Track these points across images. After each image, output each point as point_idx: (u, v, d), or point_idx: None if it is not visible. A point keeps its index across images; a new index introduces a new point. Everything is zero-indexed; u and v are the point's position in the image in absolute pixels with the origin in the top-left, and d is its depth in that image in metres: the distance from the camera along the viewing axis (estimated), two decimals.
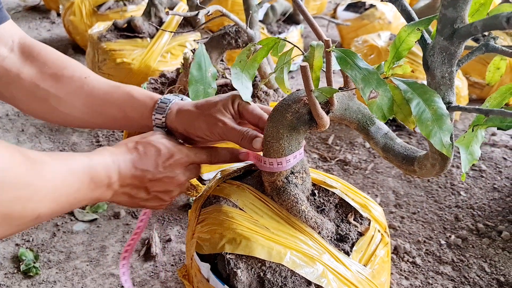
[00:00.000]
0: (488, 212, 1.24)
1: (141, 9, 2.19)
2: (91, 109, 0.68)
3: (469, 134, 0.56)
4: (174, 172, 0.62)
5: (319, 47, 0.64)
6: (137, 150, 0.60)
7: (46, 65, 0.67)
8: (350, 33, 2.39)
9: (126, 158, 0.58)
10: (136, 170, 0.59)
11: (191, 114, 0.66)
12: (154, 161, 0.60)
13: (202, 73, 1.04)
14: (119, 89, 0.69)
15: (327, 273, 0.63)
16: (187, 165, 0.64)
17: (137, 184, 0.59)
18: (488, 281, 1.01)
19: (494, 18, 0.42)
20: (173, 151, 0.62)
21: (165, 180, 0.61)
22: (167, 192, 0.63)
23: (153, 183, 0.61)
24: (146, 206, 0.65)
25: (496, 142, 1.59)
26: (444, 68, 0.53)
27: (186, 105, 0.68)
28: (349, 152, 1.53)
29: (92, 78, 0.69)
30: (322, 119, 0.63)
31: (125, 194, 0.60)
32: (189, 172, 0.65)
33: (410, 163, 0.66)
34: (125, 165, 0.58)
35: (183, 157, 0.63)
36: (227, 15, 0.97)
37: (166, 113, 0.67)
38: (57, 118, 0.69)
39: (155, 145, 0.61)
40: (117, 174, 0.57)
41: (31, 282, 1.01)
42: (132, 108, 0.68)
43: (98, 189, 0.55)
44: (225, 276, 0.63)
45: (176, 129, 0.67)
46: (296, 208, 0.67)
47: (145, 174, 0.59)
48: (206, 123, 0.65)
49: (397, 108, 0.56)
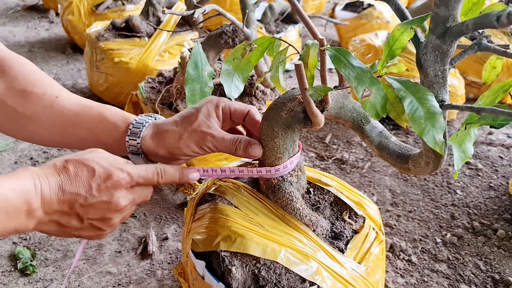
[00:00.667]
0: (484, 210, 1.25)
1: (139, 8, 2.19)
2: (60, 130, 0.63)
3: (462, 132, 0.56)
4: (111, 195, 0.52)
5: (314, 46, 0.64)
6: (66, 171, 0.51)
7: (16, 80, 0.62)
8: (349, 32, 2.40)
9: (51, 181, 0.50)
10: (64, 194, 0.50)
11: (173, 133, 0.60)
12: (87, 183, 0.51)
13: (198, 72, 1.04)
14: (91, 110, 0.63)
15: (322, 270, 0.63)
16: (128, 186, 0.54)
17: (66, 210, 0.51)
18: (483, 279, 1.02)
19: (485, 17, 0.42)
20: (110, 171, 0.53)
21: (101, 205, 0.52)
22: (104, 219, 0.53)
23: (86, 209, 0.51)
24: (81, 236, 0.55)
25: (493, 141, 1.59)
26: (437, 66, 0.54)
27: (164, 125, 0.62)
28: (346, 151, 1.54)
29: (64, 97, 0.63)
30: (316, 118, 0.63)
31: (53, 222, 0.51)
32: (132, 195, 0.55)
33: (405, 161, 0.67)
34: (49, 189, 0.49)
35: (123, 177, 0.53)
36: (224, 14, 0.97)
37: (141, 137, 0.61)
38: (25, 137, 0.64)
39: (88, 165, 0.52)
40: (39, 199, 0.48)
41: (28, 280, 1.01)
42: (103, 131, 0.62)
43: (13, 220, 0.47)
44: (220, 274, 0.64)
45: (156, 152, 0.61)
46: (291, 206, 0.67)
47: (75, 198, 0.50)
48: (193, 140, 0.60)
49: (390, 106, 0.57)
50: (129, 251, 1.10)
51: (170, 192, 1.30)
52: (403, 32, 0.55)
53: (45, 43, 2.57)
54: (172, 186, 1.29)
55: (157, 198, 1.28)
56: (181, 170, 0.60)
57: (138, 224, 1.18)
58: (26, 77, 0.63)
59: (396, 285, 1.00)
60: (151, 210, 1.23)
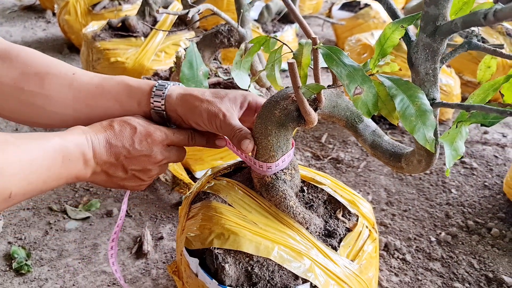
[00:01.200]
0: (479, 209, 1.25)
1: (136, 8, 2.19)
2: (83, 105, 0.65)
3: (453, 130, 0.57)
4: (151, 150, 0.60)
5: (307, 45, 0.65)
6: (112, 128, 0.59)
7: (27, 65, 0.63)
8: (345, 32, 2.40)
9: (99, 136, 0.57)
10: (111, 147, 0.58)
11: (196, 99, 0.64)
12: (130, 138, 0.59)
13: (193, 71, 1.04)
14: (111, 80, 0.66)
15: (315, 268, 0.64)
16: (165, 143, 0.62)
17: (113, 162, 0.59)
18: (477, 277, 1.03)
19: (473, 15, 0.43)
20: (149, 129, 0.61)
21: (142, 158, 0.60)
22: (145, 171, 0.62)
23: (130, 161, 0.59)
24: (125, 186, 0.63)
25: (488, 140, 1.60)
26: (428, 64, 0.54)
27: (191, 89, 0.66)
28: (342, 150, 1.54)
29: (80, 73, 0.66)
30: (310, 116, 0.64)
31: (103, 172, 0.59)
32: (168, 152, 0.63)
33: (397, 159, 0.67)
34: (98, 142, 0.57)
35: (160, 135, 0.61)
36: (218, 14, 0.98)
37: (165, 96, 0.65)
38: (45, 120, 0.65)
39: (130, 123, 0.60)
40: (91, 151, 0.56)
41: (23, 279, 1.01)
42: (128, 96, 0.65)
43: (74, 167, 0.54)
44: (213, 271, 0.64)
45: (176, 112, 0.65)
46: (284, 203, 0.67)
47: (120, 151, 0.58)
48: (207, 111, 0.63)
49: (381, 104, 0.57)
50: (124, 250, 1.10)
51: (165, 191, 1.31)
52: (394, 31, 0.55)
53: (42, 43, 2.57)
54: (167, 186, 1.29)
55: (153, 198, 1.28)
56: (208, 135, 0.68)
57: (133, 224, 1.18)
58: (36, 61, 0.64)
59: (390, 284, 1.01)
60: (146, 210, 1.23)
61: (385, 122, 1.68)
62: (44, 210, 1.23)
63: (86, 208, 1.23)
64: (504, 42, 1.83)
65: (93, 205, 1.23)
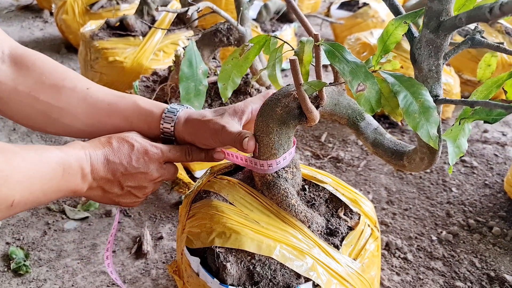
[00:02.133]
0: (479, 208, 1.25)
1: (134, 8, 2.18)
2: (95, 120, 0.66)
3: (456, 127, 0.56)
4: (148, 167, 0.61)
5: (309, 42, 0.64)
6: (110, 144, 0.60)
7: (43, 75, 0.65)
8: (344, 31, 2.40)
9: (98, 152, 0.58)
10: (109, 163, 0.59)
11: (198, 122, 0.65)
12: (128, 155, 0.60)
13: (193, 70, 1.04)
14: (124, 99, 0.67)
15: (317, 266, 0.63)
16: (161, 161, 0.63)
17: (110, 178, 0.59)
18: (479, 276, 1.02)
19: (478, 10, 0.42)
20: (147, 147, 0.62)
21: (139, 175, 0.61)
22: (140, 188, 0.63)
23: (126, 178, 0.60)
24: (120, 203, 0.64)
25: (488, 139, 1.60)
26: (431, 61, 0.54)
27: (193, 114, 0.67)
28: (342, 149, 1.54)
29: (95, 89, 0.67)
30: (311, 113, 0.63)
31: (99, 188, 0.60)
32: (163, 170, 0.64)
33: (399, 157, 0.66)
34: (96, 158, 0.58)
35: (157, 153, 0.62)
36: (218, 12, 0.97)
37: (174, 122, 0.66)
38: (58, 130, 0.67)
39: (128, 141, 0.61)
40: (89, 166, 0.57)
41: (21, 280, 1.00)
42: (138, 118, 0.67)
43: (72, 180, 0.55)
44: (215, 270, 0.63)
45: (183, 138, 0.67)
46: (286, 202, 0.67)
47: (117, 168, 0.59)
48: (209, 131, 0.64)
49: (384, 101, 0.57)
50: (124, 250, 1.09)
51: (165, 191, 1.30)
52: (397, 27, 0.55)
53: (40, 43, 2.56)
54: (167, 186, 1.29)
55: (152, 198, 1.27)
56: (206, 150, 0.68)
57: (132, 224, 1.18)
58: (53, 72, 0.66)
59: (391, 283, 1.00)
60: (146, 210, 1.23)
61: (385, 121, 1.68)
62: (43, 210, 1.22)
63: (84, 208, 1.22)
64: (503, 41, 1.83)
65: (91, 205, 1.23)
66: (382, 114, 1.71)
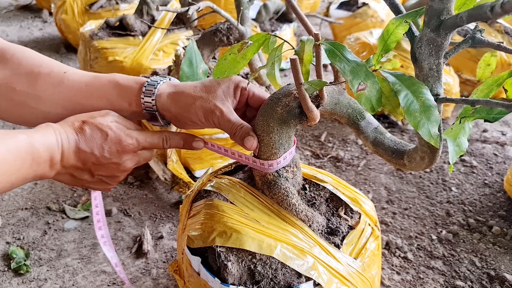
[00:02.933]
0: (479, 207, 1.25)
1: (134, 7, 2.18)
2: (74, 103, 0.63)
3: (457, 126, 0.56)
4: (121, 158, 0.59)
5: (309, 42, 0.64)
6: (83, 131, 0.57)
7: (20, 65, 0.63)
8: (343, 31, 2.40)
9: (70, 138, 0.56)
10: (80, 152, 0.56)
11: (188, 97, 0.62)
12: (100, 145, 0.58)
13: (193, 69, 1.04)
14: (102, 78, 0.64)
15: (318, 265, 0.63)
16: (136, 150, 0.61)
17: (80, 166, 0.58)
18: (479, 275, 1.02)
19: (479, 8, 0.42)
20: (120, 137, 0.59)
21: (111, 165, 0.59)
22: (112, 177, 0.61)
23: (98, 167, 0.59)
24: (90, 187, 0.63)
25: (487, 139, 1.60)
26: (432, 60, 0.54)
27: (181, 87, 0.64)
28: (342, 149, 1.54)
29: (71, 72, 0.65)
30: (312, 113, 0.63)
31: (68, 174, 0.58)
32: (138, 157, 0.62)
33: (400, 156, 0.66)
34: (68, 146, 0.56)
35: (132, 143, 0.60)
36: (218, 11, 0.97)
37: (155, 95, 0.62)
38: (38, 119, 0.64)
39: (102, 129, 0.58)
40: (59, 154, 0.55)
41: (22, 280, 1.00)
42: (117, 96, 0.64)
43: (40, 168, 0.54)
44: (216, 269, 0.63)
45: (169, 112, 0.63)
46: (286, 201, 0.67)
47: (89, 158, 0.57)
48: (203, 109, 0.61)
49: (385, 100, 0.57)
50: (124, 250, 1.09)
51: (165, 191, 1.30)
52: (397, 26, 0.55)
53: (39, 43, 2.56)
54: (167, 185, 1.29)
55: (152, 197, 1.27)
56: (185, 137, 0.65)
57: (133, 223, 1.18)
58: (30, 61, 0.64)
59: (392, 282, 1.00)
60: (146, 209, 1.23)
61: (385, 121, 1.68)
62: (43, 210, 1.22)
63: (85, 208, 1.22)
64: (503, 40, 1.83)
65: (91, 205, 1.22)
66: (381, 114, 1.72)
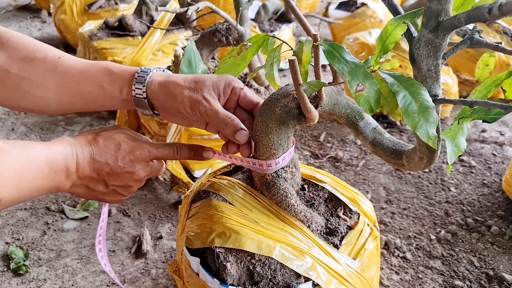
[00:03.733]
0: (478, 207, 1.25)
1: (133, 8, 2.18)
2: (66, 89, 0.64)
3: (455, 126, 0.56)
4: (134, 167, 0.60)
5: (308, 42, 0.64)
6: (96, 143, 0.59)
7: (16, 49, 0.64)
8: (342, 31, 2.40)
9: (84, 150, 0.57)
10: (94, 162, 0.58)
11: (177, 86, 0.62)
12: (114, 155, 0.59)
13: (192, 69, 1.04)
14: (95, 65, 0.65)
15: (317, 266, 0.63)
16: (148, 160, 0.62)
17: (95, 177, 0.59)
18: (477, 275, 1.02)
19: (477, 10, 0.43)
20: (133, 147, 0.60)
21: (125, 175, 0.60)
22: (126, 187, 0.62)
23: (112, 177, 0.60)
24: (105, 200, 0.64)
25: (486, 139, 1.60)
26: (430, 61, 0.54)
27: (173, 77, 0.64)
28: (341, 149, 1.54)
29: (66, 57, 0.65)
30: (310, 113, 0.63)
31: (83, 186, 0.59)
32: (150, 168, 0.63)
33: (399, 157, 0.67)
34: (83, 156, 0.57)
35: (144, 153, 0.61)
36: (217, 12, 0.97)
37: (146, 83, 0.63)
38: (30, 104, 0.65)
39: (115, 139, 0.60)
40: (75, 164, 0.56)
41: (21, 280, 1.00)
42: (110, 82, 0.64)
43: (57, 178, 0.55)
44: (215, 270, 0.64)
45: (158, 100, 0.64)
46: (285, 202, 0.67)
47: (103, 167, 0.58)
48: (190, 99, 0.61)
49: (384, 101, 0.57)
50: (123, 250, 1.09)
51: (164, 191, 1.30)
52: (396, 27, 0.55)
53: None
54: (166, 185, 1.29)
55: (151, 197, 1.27)
56: (195, 148, 0.66)
57: (132, 223, 1.18)
58: (26, 45, 0.65)
59: (391, 282, 1.01)
60: (145, 209, 1.23)
61: (384, 121, 1.69)
62: (42, 210, 1.22)
63: (84, 208, 1.22)
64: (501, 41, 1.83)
65: (91, 205, 1.23)
66: (380, 114, 1.72)
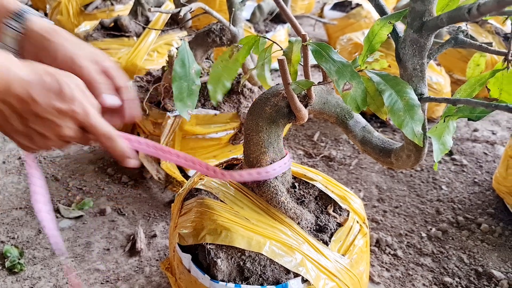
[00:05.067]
0: (468, 205, 1.27)
1: (128, 8, 2.19)
2: None
3: (441, 124, 0.58)
4: (63, 121, 0.53)
5: (297, 42, 0.66)
6: (40, 77, 0.52)
7: None
8: (337, 32, 2.41)
9: (24, 77, 0.51)
10: (27, 94, 0.51)
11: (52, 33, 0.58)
12: (51, 98, 0.52)
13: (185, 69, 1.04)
14: None
15: (306, 262, 0.65)
16: (80, 124, 0.54)
17: (17, 108, 0.52)
18: (467, 272, 1.04)
19: (458, 10, 0.44)
20: (75, 99, 0.53)
21: (49, 124, 0.53)
22: (43, 136, 0.55)
23: (35, 119, 0.53)
24: (14, 139, 0.56)
25: (477, 138, 1.62)
26: (415, 60, 0.55)
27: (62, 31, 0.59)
28: (334, 148, 1.55)
29: None
30: (300, 112, 0.64)
31: (0, 112, 0.52)
32: (78, 133, 0.55)
33: (387, 155, 0.68)
34: (18, 82, 0.51)
35: (80, 113, 0.53)
36: (210, 12, 0.98)
37: (25, 21, 0.57)
38: None
39: (62, 84, 0.53)
40: (2, 85, 0.50)
41: (16, 278, 1.01)
42: None
43: None
44: (206, 266, 0.65)
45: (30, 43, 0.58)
46: (275, 199, 0.68)
47: (31, 104, 0.52)
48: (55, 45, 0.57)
49: (370, 100, 0.58)
50: (118, 248, 1.10)
51: (158, 190, 1.31)
52: (382, 27, 0.56)
53: None
54: (160, 184, 1.30)
55: (146, 196, 1.28)
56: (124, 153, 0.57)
57: (126, 222, 1.19)
58: None
59: (381, 279, 1.02)
60: (139, 208, 1.24)
61: (377, 120, 1.70)
62: None
63: (79, 207, 1.23)
64: (493, 41, 1.85)
65: (86, 204, 1.23)
66: (373, 113, 1.73)
